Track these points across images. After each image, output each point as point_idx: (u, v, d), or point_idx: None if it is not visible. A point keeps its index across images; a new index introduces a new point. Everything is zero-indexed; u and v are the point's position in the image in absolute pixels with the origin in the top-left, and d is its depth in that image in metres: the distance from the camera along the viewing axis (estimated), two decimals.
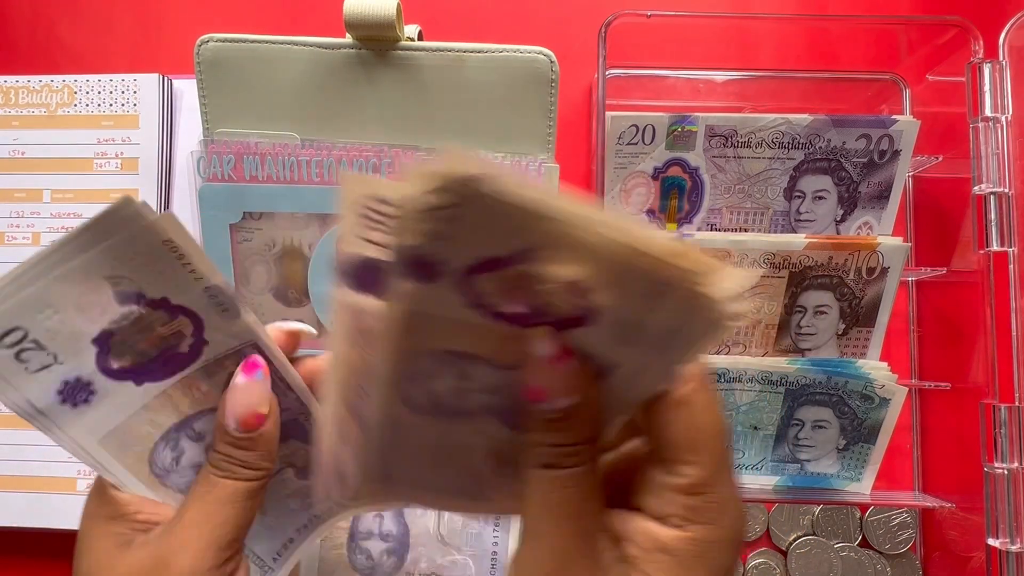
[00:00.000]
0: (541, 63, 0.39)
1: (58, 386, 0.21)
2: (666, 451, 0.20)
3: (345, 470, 0.23)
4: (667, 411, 0.20)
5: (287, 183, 0.40)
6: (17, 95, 0.47)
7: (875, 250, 0.45)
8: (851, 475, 0.48)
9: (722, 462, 0.20)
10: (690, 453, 0.20)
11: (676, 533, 0.19)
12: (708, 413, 0.20)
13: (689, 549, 0.19)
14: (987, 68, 0.43)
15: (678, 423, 0.20)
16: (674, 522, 0.20)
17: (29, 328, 0.20)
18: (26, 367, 0.20)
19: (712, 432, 0.20)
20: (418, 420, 0.22)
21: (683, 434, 0.20)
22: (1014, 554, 0.40)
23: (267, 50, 0.39)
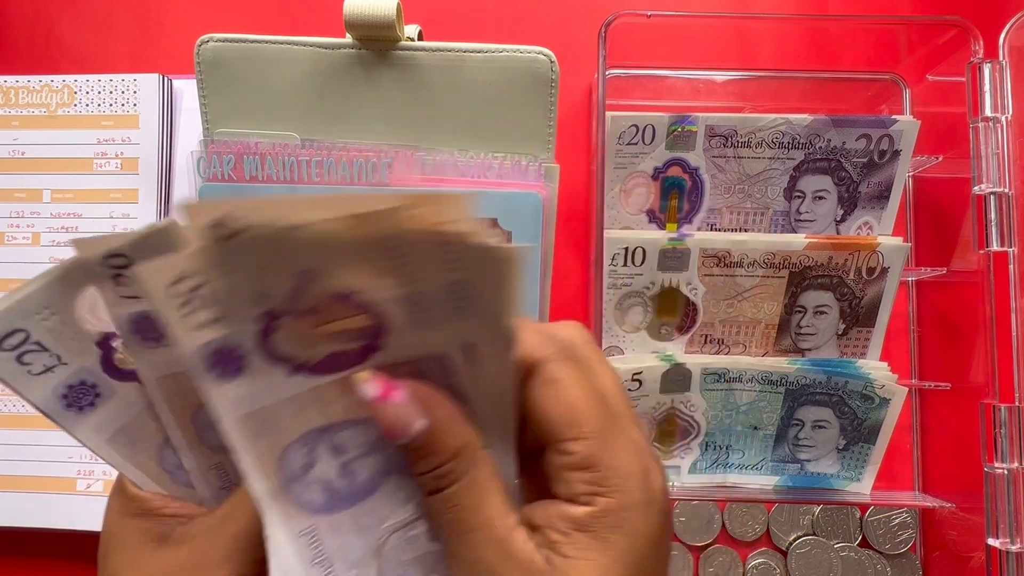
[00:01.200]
0: (541, 63, 0.39)
1: (62, 390, 0.21)
2: (549, 434, 0.20)
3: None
4: (536, 394, 0.20)
5: (287, 183, 0.40)
6: (17, 95, 0.47)
7: (875, 250, 0.45)
8: (851, 475, 0.48)
9: (608, 428, 0.20)
10: (569, 429, 0.20)
11: (586, 509, 0.19)
12: (576, 386, 0.20)
13: (601, 521, 0.19)
14: (987, 68, 0.43)
15: (549, 403, 0.20)
16: (582, 499, 0.20)
17: (30, 330, 0.20)
18: (29, 370, 0.20)
19: (586, 403, 0.20)
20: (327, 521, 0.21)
21: (557, 413, 0.20)
22: (1014, 554, 0.40)
23: (267, 50, 0.39)
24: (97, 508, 0.46)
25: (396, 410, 0.19)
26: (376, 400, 0.19)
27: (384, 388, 0.19)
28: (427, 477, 0.20)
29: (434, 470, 0.20)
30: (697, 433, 0.48)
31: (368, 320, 0.19)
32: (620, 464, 0.20)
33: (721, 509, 0.49)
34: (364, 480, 0.21)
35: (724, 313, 0.47)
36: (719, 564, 0.48)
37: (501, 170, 0.40)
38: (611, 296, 0.47)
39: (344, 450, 0.21)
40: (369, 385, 0.19)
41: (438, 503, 0.20)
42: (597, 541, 0.19)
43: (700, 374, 0.46)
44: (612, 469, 0.20)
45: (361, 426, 0.21)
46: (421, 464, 0.20)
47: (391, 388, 0.19)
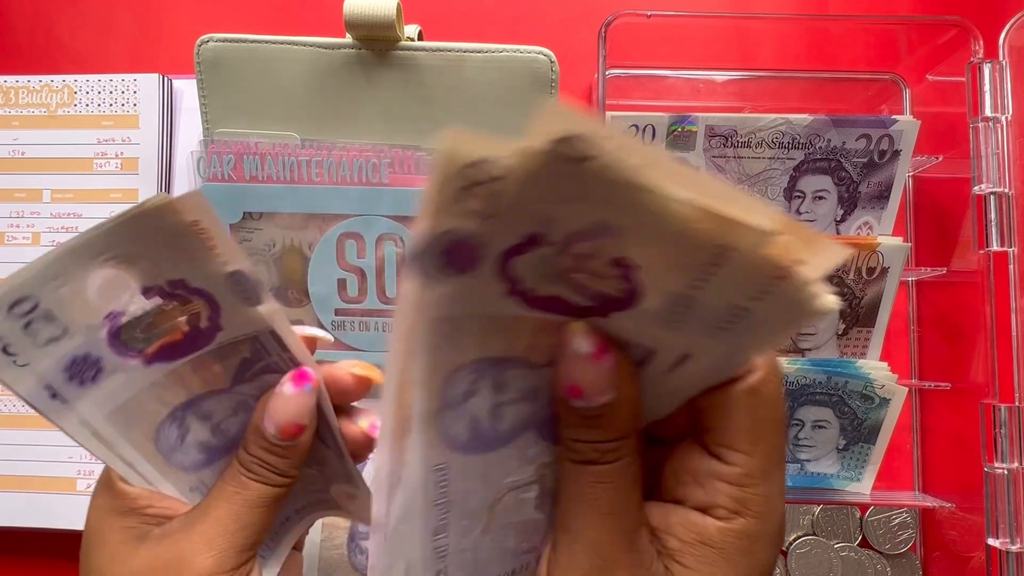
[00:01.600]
0: (541, 63, 0.39)
1: (67, 362, 0.21)
2: (721, 438, 0.19)
3: None
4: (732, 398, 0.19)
5: (287, 183, 0.40)
6: (17, 95, 0.47)
7: (875, 250, 0.45)
8: (851, 475, 0.48)
9: (776, 458, 0.19)
10: (747, 443, 0.19)
11: (721, 525, 0.19)
12: (773, 405, 0.19)
13: (733, 542, 0.19)
14: (987, 68, 0.42)
15: (742, 411, 0.19)
16: (719, 513, 0.19)
17: (40, 297, 0.19)
18: (35, 339, 0.20)
19: (774, 425, 0.19)
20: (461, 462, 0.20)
21: (745, 423, 0.19)
22: (1014, 554, 0.40)
23: (267, 50, 0.39)
24: None
25: (597, 373, 0.18)
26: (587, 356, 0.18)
27: (599, 347, 0.18)
28: (587, 447, 0.19)
29: (600, 443, 0.19)
30: None
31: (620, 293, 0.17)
32: (772, 495, 0.19)
33: None
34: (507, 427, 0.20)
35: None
36: None
37: None
38: None
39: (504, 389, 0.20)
40: (586, 339, 0.18)
41: (585, 475, 0.19)
42: (723, 560, 0.19)
43: None
44: (763, 496, 0.19)
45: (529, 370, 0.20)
46: (591, 433, 0.19)
47: (604, 350, 0.18)
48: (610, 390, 0.18)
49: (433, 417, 0.19)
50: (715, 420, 0.19)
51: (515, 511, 0.21)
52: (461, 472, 0.20)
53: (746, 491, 0.19)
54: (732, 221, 0.15)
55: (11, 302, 0.19)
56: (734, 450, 0.19)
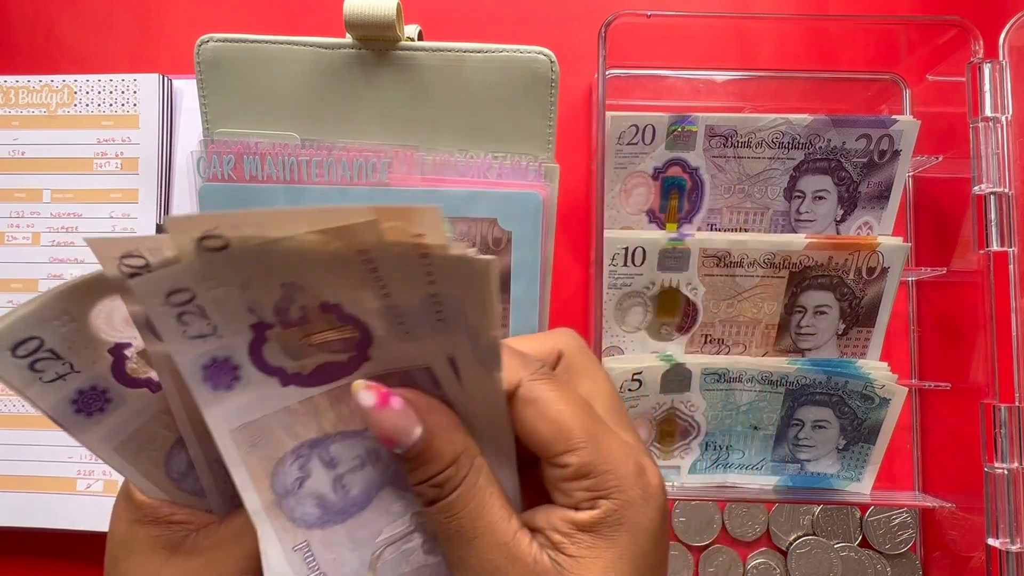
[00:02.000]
0: (541, 63, 0.39)
1: (73, 395, 0.21)
2: (542, 450, 0.20)
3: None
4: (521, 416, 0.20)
5: (287, 183, 0.40)
6: (17, 95, 0.47)
7: (875, 250, 0.45)
8: (851, 475, 0.48)
9: (598, 434, 0.20)
10: (560, 444, 0.20)
11: (589, 513, 0.20)
12: (557, 401, 0.20)
13: (606, 521, 0.20)
14: (987, 68, 0.43)
15: (534, 422, 0.20)
16: (584, 506, 0.20)
17: (45, 337, 0.19)
18: (40, 377, 0.20)
19: (571, 415, 0.20)
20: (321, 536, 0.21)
21: (544, 430, 0.20)
22: (1014, 554, 0.40)
23: (267, 50, 0.39)
24: (97, 508, 0.46)
25: (393, 418, 0.19)
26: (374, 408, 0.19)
27: (381, 396, 0.19)
28: (425, 486, 0.20)
29: (432, 478, 0.20)
30: (697, 433, 0.48)
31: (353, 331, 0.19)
32: (615, 466, 0.20)
33: (721, 509, 0.49)
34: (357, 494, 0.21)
35: (724, 313, 0.47)
36: (719, 564, 0.48)
37: (501, 170, 0.40)
38: (611, 296, 0.47)
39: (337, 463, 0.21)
40: (366, 393, 0.19)
41: (439, 513, 0.20)
42: (601, 539, 0.20)
43: (700, 374, 0.46)
44: (608, 473, 0.20)
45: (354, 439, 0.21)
46: (419, 473, 0.20)
47: (388, 395, 0.19)
48: (413, 427, 0.20)
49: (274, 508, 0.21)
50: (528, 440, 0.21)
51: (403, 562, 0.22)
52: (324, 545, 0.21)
53: (590, 480, 0.20)
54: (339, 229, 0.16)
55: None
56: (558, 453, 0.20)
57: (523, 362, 0.21)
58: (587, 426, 0.20)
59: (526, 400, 0.20)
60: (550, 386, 0.21)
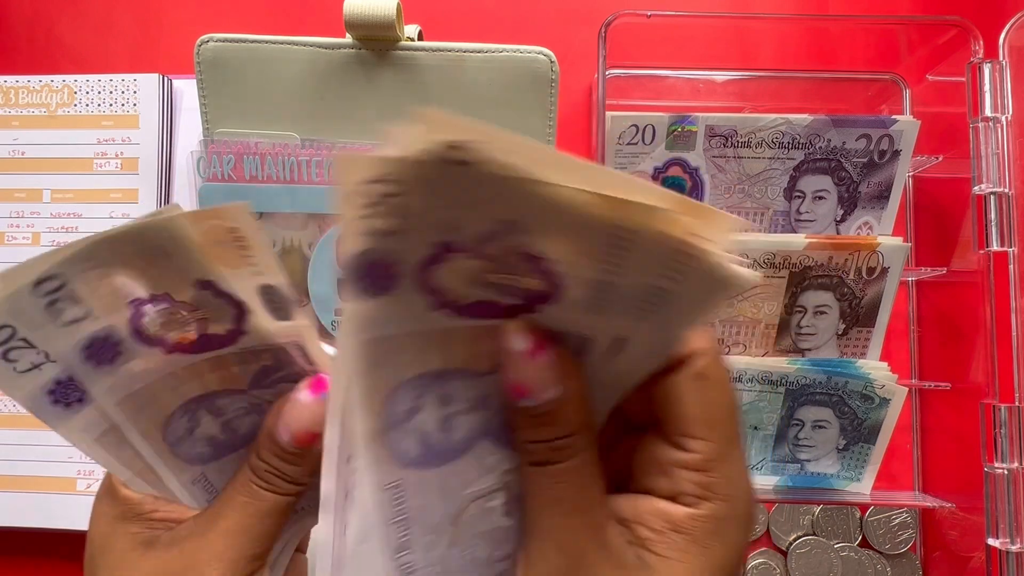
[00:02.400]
0: (541, 63, 0.39)
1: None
2: (677, 427, 0.19)
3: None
4: (680, 385, 0.19)
5: (287, 183, 0.40)
6: (17, 95, 0.47)
7: (875, 250, 0.45)
8: (851, 475, 0.48)
9: (734, 438, 0.20)
10: (703, 429, 0.19)
11: (689, 511, 0.19)
12: (722, 387, 0.20)
13: (703, 526, 0.19)
14: (987, 68, 0.42)
15: (692, 398, 0.19)
16: (686, 500, 0.19)
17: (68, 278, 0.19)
18: (14, 367, 0.20)
19: (726, 407, 0.20)
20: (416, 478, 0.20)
21: (697, 409, 0.19)
22: (1014, 554, 0.40)
23: (267, 50, 0.39)
24: None
25: (538, 370, 0.18)
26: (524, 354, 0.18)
27: (536, 343, 0.18)
28: (541, 446, 0.19)
29: (553, 440, 0.19)
30: None
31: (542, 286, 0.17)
32: (735, 476, 0.19)
33: None
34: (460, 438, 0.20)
35: (724, 313, 0.47)
36: None
37: None
38: None
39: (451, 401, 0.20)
40: (522, 337, 0.18)
41: (544, 476, 0.19)
42: (695, 545, 0.19)
43: None
44: (727, 479, 0.19)
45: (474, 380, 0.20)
46: (542, 431, 0.19)
47: (541, 346, 0.18)
48: (554, 385, 0.19)
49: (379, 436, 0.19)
50: (669, 410, 0.20)
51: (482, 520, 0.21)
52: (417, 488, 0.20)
53: (709, 476, 0.19)
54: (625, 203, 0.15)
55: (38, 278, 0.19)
56: (691, 437, 0.19)
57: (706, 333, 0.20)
58: (729, 427, 0.20)
59: (698, 373, 0.19)
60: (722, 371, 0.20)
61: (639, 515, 0.20)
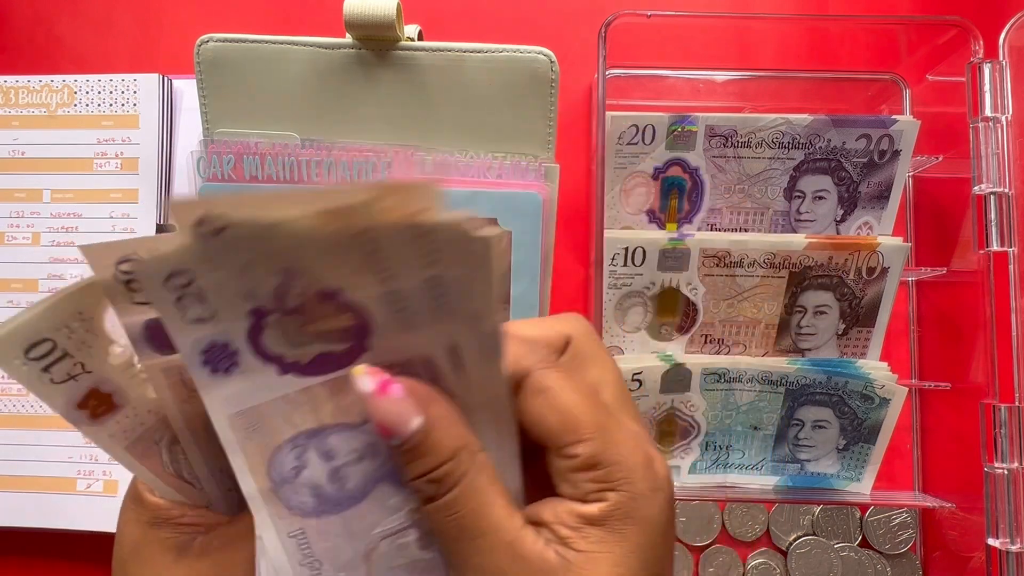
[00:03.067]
0: (541, 63, 0.39)
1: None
2: (549, 441, 0.20)
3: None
4: (528, 405, 0.20)
5: (287, 183, 0.40)
6: (17, 95, 0.47)
7: (875, 250, 0.45)
8: (851, 475, 0.48)
9: (607, 425, 0.20)
10: (568, 434, 0.20)
11: (597, 506, 0.20)
12: (566, 390, 0.20)
13: (613, 514, 0.19)
14: (987, 68, 0.43)
15: (542, 412, 0.20)
16: (592, 498, 0.20)
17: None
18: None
19: (579, 405, 0.20)
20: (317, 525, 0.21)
21: (552, 420, 0.20)
22: (1014, 554, 0.40)
23: (267, 50, 0.39)
24: (97, 508, 0.46)
25: (393, 406, 0.19)
26: (373, 394, 0.19)
27: (381, 382, 0.19)
28: (423, 482, 0.20)
29: (430, 472, 0.19)
30: (697, 433, 0.48)
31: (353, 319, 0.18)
32: (624, 458, 0.20)
33: (721, 509, 0.49)
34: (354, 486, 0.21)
35: (724, 313, 0.47)
36: (719, 564, 0.48)
37: (501, 170, 0.40)
38: (611, 296, 0.47)
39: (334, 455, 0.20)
40: (366, 379, 0.19)
41: (437, 511, 0.20)
42: (610, 533, 0.19)
43: (700, 374, 0.46)
44: (616, 465, 0.20)
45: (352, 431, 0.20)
46: (417, 466, 0.19)
47: (388, 383, 0.19)
48: (413, 416, 0.19)
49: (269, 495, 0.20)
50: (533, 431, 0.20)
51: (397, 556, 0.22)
52: (320, 533, 0.21)
53: (598, 472, 0.20)
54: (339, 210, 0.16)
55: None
56: (566, 444, 0.20)
57: (530, 349, 0.21)
58: (596, 417, 0.20)
59: (534, 389, 0.20)
60: (559, 375, 0.20)
61: (558, 516, 0.20)
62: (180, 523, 0.23)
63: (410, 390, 0.19)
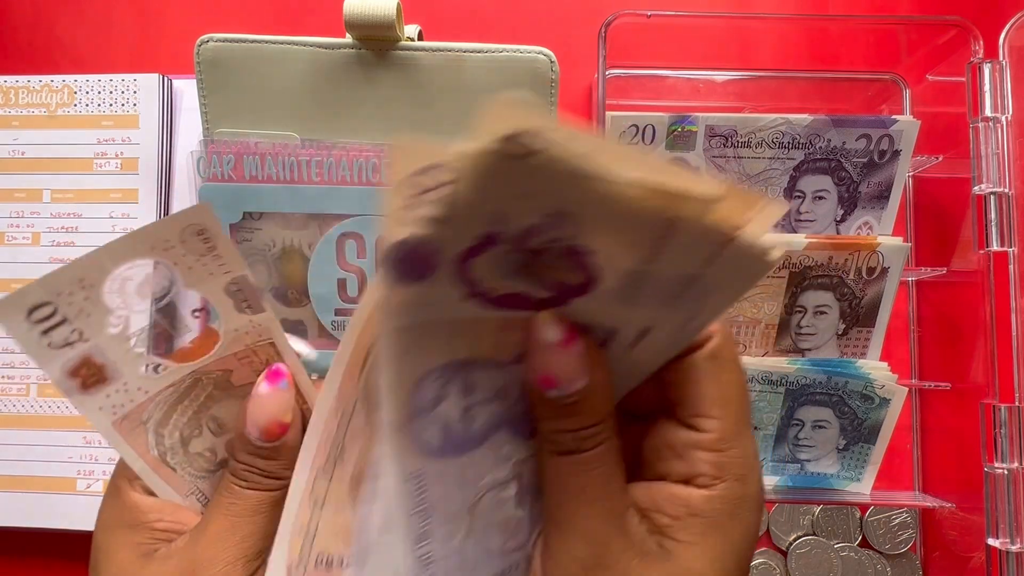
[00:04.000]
0: (541, 63, 0.39)
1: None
2: (692, 407, 0.20)
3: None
4: (695, 366, 0.20)
5: (287, 183, 0.40)
6: (17, 95, 0.47)
7: (875, 250, 0.45)
8: (851, 475, 0.48)
9: (745, 419, 0.20)
10: (717, 408, 0.19)
11: (705, 493, 0.19)
12: (735, 368, 0.20)
13: (720, 508, 0.19)
14: (987, 68, 0.42)
15: (706, 378, 0.19)
16: (702, 481, 0.19)
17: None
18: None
19: (738, 388, 0.20)
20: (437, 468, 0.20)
21: (711, 389, 0.19)
22: (1014, 554, 0.40)
23: (267, 50, 0.39)
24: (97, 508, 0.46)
25: (568, 361, 0.19)
26: (555, 344, 0.18)
27: (568, 335, 0.18)
28: (568, 436, 0.19)
29: (579, 431, 0.19)
30: None
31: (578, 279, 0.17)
32: (747, 456, 0.19)
33: None
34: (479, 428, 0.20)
35: (724, 313, 0.47)
36: None
37: None
38: None
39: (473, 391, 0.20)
40: (554, 328, 0.18)
41: (570, 465, 0.19)
42: (713, 527, 0.19)
43: None
44: (741, 458, 0.19)
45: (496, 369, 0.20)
46: (569, 421, 0.19)
47: (572, 337, 0.19)
48: (583, 376, 0.19)
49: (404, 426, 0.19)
50: (683, 391, 0.20)
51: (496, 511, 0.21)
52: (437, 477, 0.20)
53: (724, 455, 0.19)
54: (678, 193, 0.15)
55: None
56: (706, 417, 0.19)
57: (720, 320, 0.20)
58: (741, 407, 0.20)
59: (712, 354, 0.20)
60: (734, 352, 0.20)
61: (656, 502, 0.20)
62: (155, 527, 0.23)
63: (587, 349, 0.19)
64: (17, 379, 0.46)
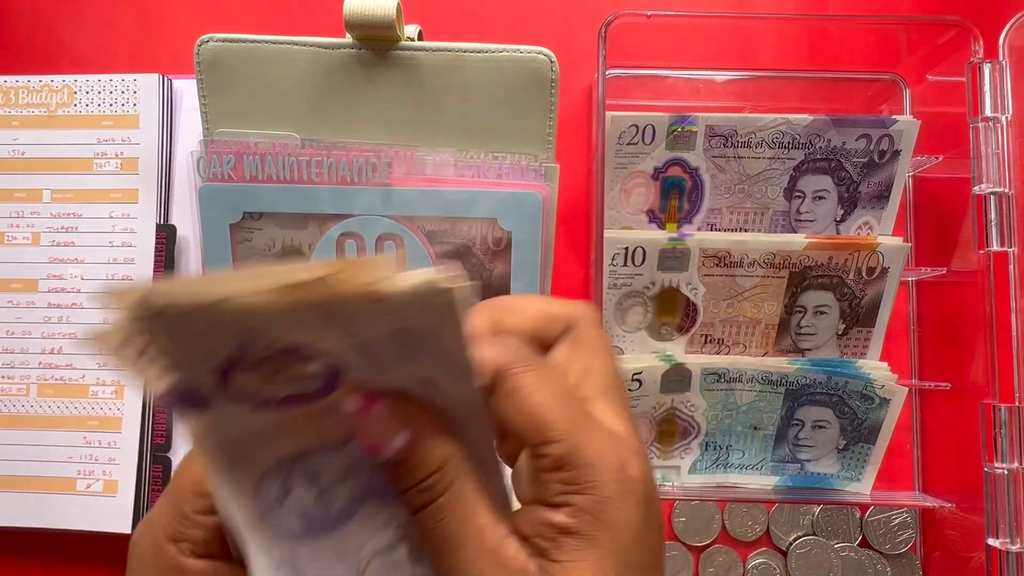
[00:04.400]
0: (541, 63, 0.39)
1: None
2: (522, 441, 0.20)
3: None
4: (501, 406, 0.20)
5: (287, 183, 0.40)
6: (17, 95, 0.47)
7: (875, 250, 0.45)
8: (851, 475, 0.48)
9: (579, 426, 0.20)
10: (538, 435, 0.20)
11: (564, 511, 0.19)
12: (537, 391, 0.20)
13: (583, 519, 0.19)
14: (987, 68, 0.43)
15: (513, 413, 0.20)
16: (559, 500, 0.19)
17: None
18: None
19: (551, 406, 0.20)
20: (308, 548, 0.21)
21: (522, 421, 0.20)
22: (1014, 554, 0.40)
23: (267, 50, 0.39)
24: (97, 508, 0.46)
25: (378, 423, 0.19)
26: (356, 414, 0.19)
27: (364, 402, 0.19)
28: (412, 492, 0.20)
29: (419, 484, 0.20)
30: (697, 433, 0.48)
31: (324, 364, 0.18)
32: (593, 460, 0.19)
33: (721, 509, 0.49)
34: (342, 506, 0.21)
35: (724, 313, 0.47)
36: (719, 564, 0.48)
37: (501, 170, 0.40)
38: (611, 296, 0.47)
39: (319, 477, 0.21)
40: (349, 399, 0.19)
41: (425, 519, 0.20)
42: (582, 541, 0.19)
43: (700, 374, 0.46)
44: (584, 467, 0.19)
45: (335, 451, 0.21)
46: (406, 479, 0.20)
47: (371, 401, 0.19)
48: (398, 432, 0.19)
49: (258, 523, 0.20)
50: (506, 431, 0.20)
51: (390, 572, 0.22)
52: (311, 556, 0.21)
53: (566, 472, 0.19)
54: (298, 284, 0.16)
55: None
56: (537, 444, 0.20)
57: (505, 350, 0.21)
58: (568, 416, 0.20)
59: (508, 390, 0.20)
60: (533, 375, 0.20)
61: (533, 527, 0.20)
62: None
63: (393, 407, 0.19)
64: (17, 379, 0.46)
